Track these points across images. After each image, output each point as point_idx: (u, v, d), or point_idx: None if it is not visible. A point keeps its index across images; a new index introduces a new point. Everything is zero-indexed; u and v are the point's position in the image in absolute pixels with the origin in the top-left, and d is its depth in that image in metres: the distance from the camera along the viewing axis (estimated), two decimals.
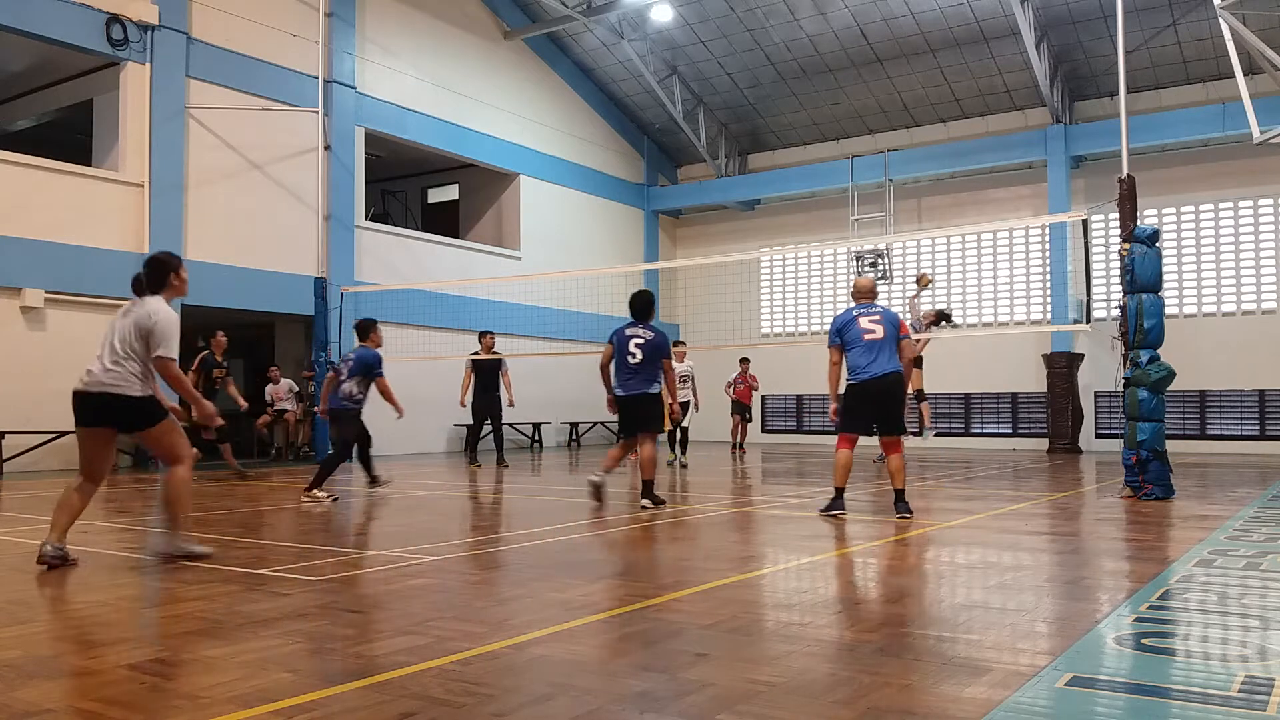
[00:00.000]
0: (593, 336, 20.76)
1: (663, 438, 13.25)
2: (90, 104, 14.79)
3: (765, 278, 23.63)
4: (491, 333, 14.59)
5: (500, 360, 14.25)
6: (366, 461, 9.64)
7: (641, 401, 8.16)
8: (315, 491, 8.83)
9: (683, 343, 14.81)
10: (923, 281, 13.54)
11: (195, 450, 11.22)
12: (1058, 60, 18.77)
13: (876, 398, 7.34)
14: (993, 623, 3.83)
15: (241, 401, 12.18)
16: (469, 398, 14.11)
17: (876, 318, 7.50)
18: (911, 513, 7.34)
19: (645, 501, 8.07)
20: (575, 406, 21.18)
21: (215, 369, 11.72)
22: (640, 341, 8.15)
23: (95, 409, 5.32)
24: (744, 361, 17.09)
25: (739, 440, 16.98)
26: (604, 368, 8.40)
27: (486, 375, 14.04)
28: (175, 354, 5.32)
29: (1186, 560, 5.30)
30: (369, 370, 9.08)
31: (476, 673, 3.12)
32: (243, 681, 3.02)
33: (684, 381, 14.03)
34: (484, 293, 18.87)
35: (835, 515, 7.40)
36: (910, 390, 12.23)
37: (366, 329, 9.37)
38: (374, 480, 9.57)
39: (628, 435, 8.43)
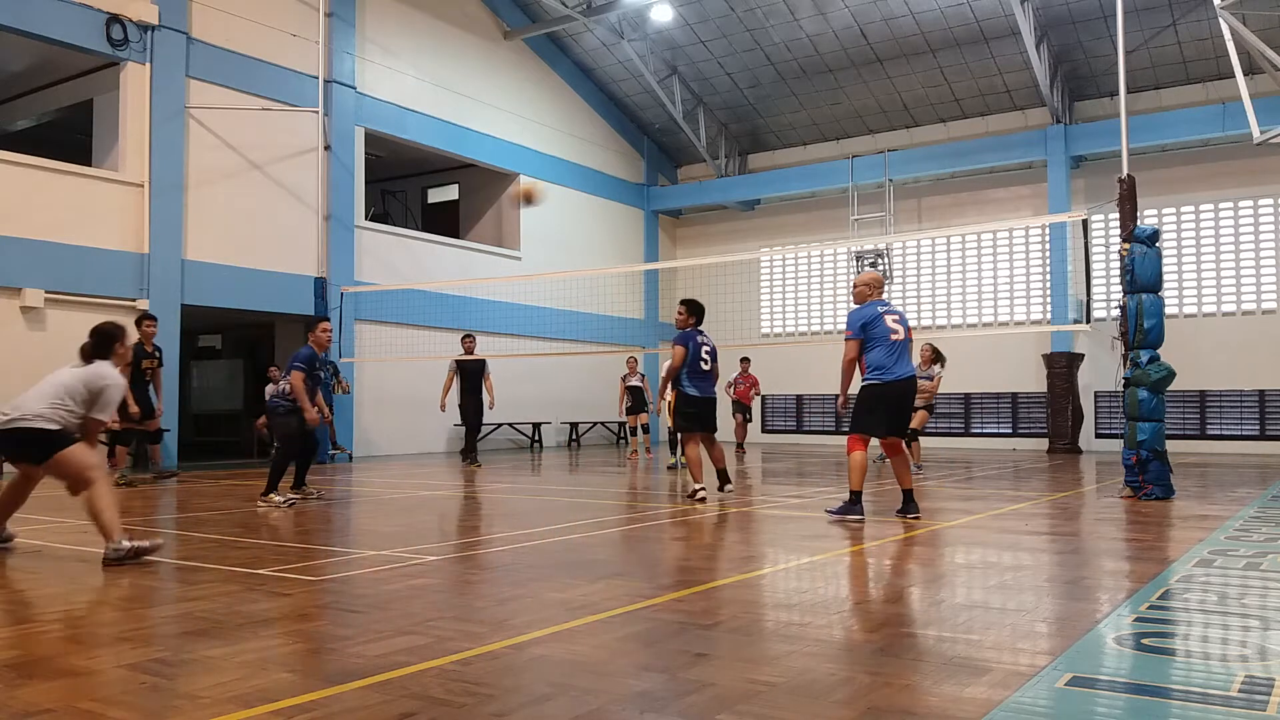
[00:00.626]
0: (593, 336, 20.80)
1: (662, 438, 13.24)
2: (90, 104, 14.78)
3: (765, 278, 23.63)
4: (474, 335, 14.63)
5: (483, 362, 14.30)
6: (302, 465, 9.15)
7: (714, 403, 8.93)
8: (271, 496, 8.38)
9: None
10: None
11: (122, 449, 10.83)
12: (1058, 60, 18.77)
13: (897, 400, 7.14)
14: (993, 623, 3.83)
15: (134, 409, 10.31)
16: (448, 400, 14.20)
17: (898, 317, 7.26)
18: (919, 514, 7.28)
19: (697, 488, 8.58)
20: (575, 406, 21.19)
21: (145, 359, 10.87)
22: (710, 349, 8.80)
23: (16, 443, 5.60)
24: (744, 361, 17.01)
25: (739, 440, 16.96)
26: (676, 370, 8.68)
27: (472, 377, 14.12)
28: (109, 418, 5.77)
29: (1186, 560, 5.30)
30: (291, 366, 8.82)
31: (476, 673, 3.12)
32: (243, 681, 3.02)
33: None
34: (484, 293, 18.88)
35: (853, 520, 7.16)
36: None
37: (309, 325, 9.29)
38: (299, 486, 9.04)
39: (707, 431, 8.90)
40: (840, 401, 7.51)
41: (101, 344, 5.77)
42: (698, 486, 8.57)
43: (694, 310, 8.84)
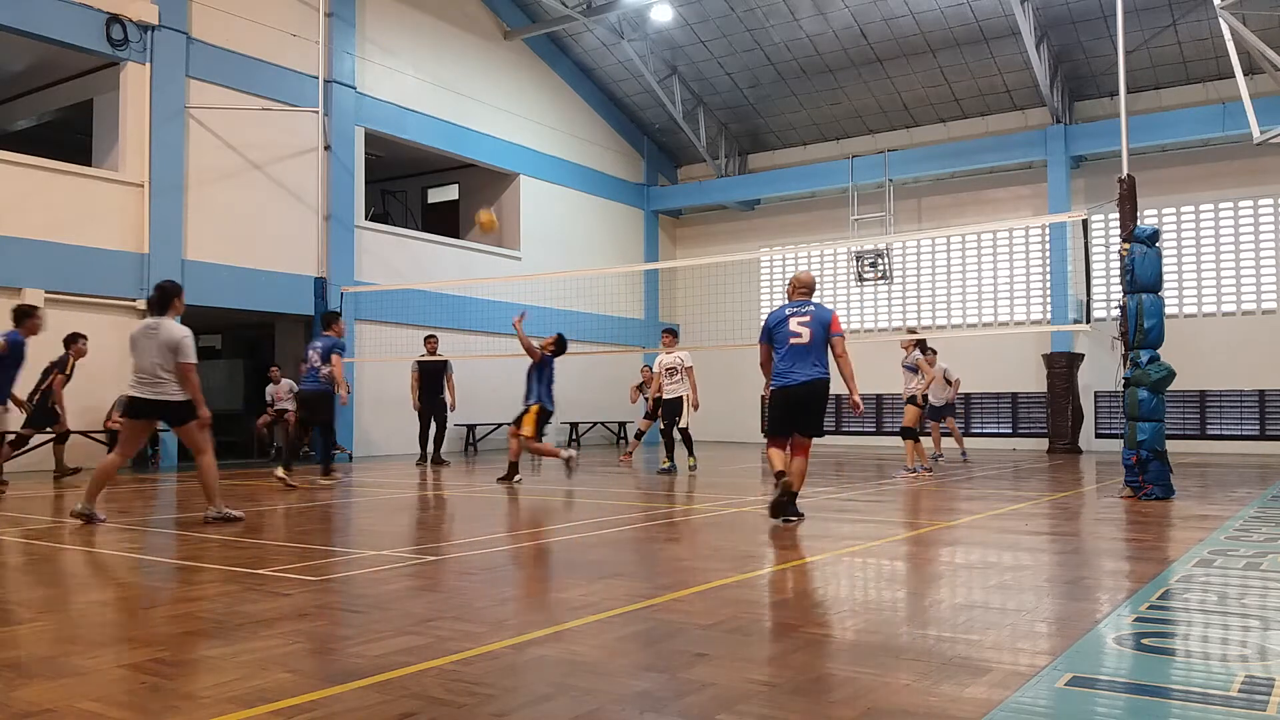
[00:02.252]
0: (593, 336, 20.78)
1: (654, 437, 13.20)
2: (90, 104, 14.78)
3: (765, 278, 23.62)
4: (436, 336, 14.70)
5: (445, 363, 14.42)
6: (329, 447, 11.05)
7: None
8: (324, 479, 9.91)
9: (672, 331, 14.11)
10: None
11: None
12: (1058, 60, 18.77)
13: (794, 404, 7.13)
14: (993, 623, 3.83)
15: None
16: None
17: (806, 319, 7.25)
18: (800, 517, 7.03)
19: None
20: (575, 406, 21.18)
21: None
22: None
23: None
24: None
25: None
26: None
27: (432, 378, 14.31)
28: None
29: (1186, 560, 5.30)
30: (334, 350, 10.56)
31: (476, 673, 3.12)
32: (243, 681, 3.02)
33: (672, 375, 13.33)
34: (484, 293, 18.87)
35: (784, 517, 7.05)
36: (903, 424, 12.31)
37: (327, 320, 10.94)
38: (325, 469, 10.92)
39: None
40: (764, 396, 7.64)
41: (162, 300, 7.10)
42: (567, 454, 10.59)
43: (560, 345, 10.94)
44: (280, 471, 10.04)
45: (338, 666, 3.21)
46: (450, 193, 22.05)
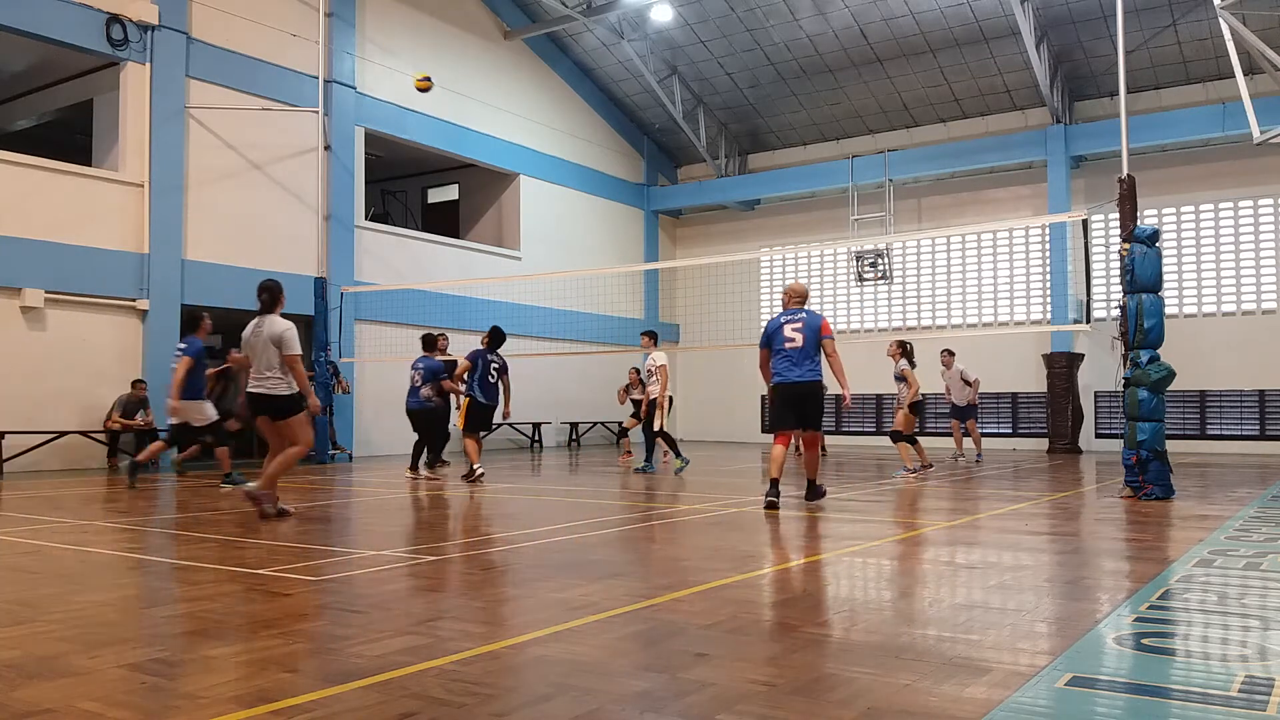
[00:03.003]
0: (593, 336, 20.80)
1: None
2: (90, 104, 14.79)
3: (765, 278, 23.63)
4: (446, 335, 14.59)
5: (453, 362, 14.40)
6: (431, 453, 11.63)
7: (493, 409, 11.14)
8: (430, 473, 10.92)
9: (651, 332, 13.78)
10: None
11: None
12: (1058, 60, 18.77)
13: (794, 402, 8.09)
14: (993, 623, 3.83)
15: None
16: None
17: (799, 325, 8.11)
18: (823, 494, 8.37)
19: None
20: (575, 406, 21.18)
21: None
22: (498, 365, 10.66)
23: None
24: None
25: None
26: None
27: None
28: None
29: (1186, 560, 5.30)
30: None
31: (476, 673, 3.12)
32: (243, 681, 3.02)
33: (649, 377, 13.03)
34: (484, 293, 18.88)
35: (772, 505, 7.86)
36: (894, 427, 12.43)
37: (430, 342, 11.73)
38: (430, 465, 11.58)
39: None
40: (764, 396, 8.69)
41: (271, 299, 7.60)
42: (478, 469, 10.71)
43: (493, 336, 11.14)
44: (409, 472, 11.32)
45: (338, 666, 3.21)
46: (450, 193, 22.06)
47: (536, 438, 20.10)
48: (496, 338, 11.23)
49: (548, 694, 2.89)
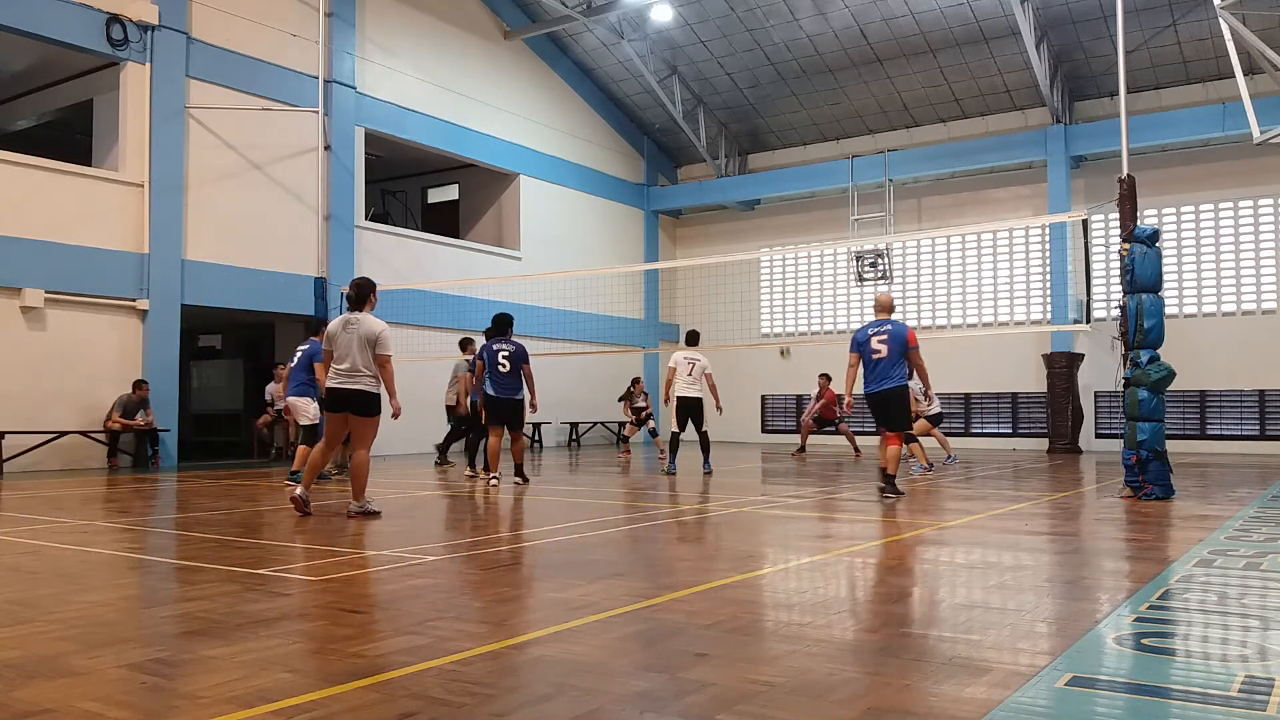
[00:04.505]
0: (593, 336, 20.80)
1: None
2: (90, 104, 14.79)
3: (765, 278, 23.63)
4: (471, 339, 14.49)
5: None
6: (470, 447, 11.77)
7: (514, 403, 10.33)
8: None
9: (696, 333, 13.42)
10: None
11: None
12: (1058, 60, 18.77)
13: (877, 407, 8.91)
14: (993, 623, 3.83)
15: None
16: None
17: (884, 336, 8.81)
18: (899, 493, 8.69)
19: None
20: (575, 406, 21.18)
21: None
22: (506, 354, 10.04)
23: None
24: (824, 378, 16.06)
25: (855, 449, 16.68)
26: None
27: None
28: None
29: (1186, 560, 5.30)
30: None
31: (476, 673, 3.12)
32: (243, 681, 3.02)
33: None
34: (484, 293, 18.87)
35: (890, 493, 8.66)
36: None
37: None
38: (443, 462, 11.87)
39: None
40: (846, 403, 9.29)
41: (359, 295, 7.64)
42: (494, 475, 10.34)
43: (494, 324, 10.66)
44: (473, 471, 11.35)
45: (338, 666, 3.21)
46: (450, 193, 22.06)
47: (536, 438, 20.09)
48: (496, 325, 10.51)
49: (548, 694, 2.89)
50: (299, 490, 7.47)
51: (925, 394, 12.28)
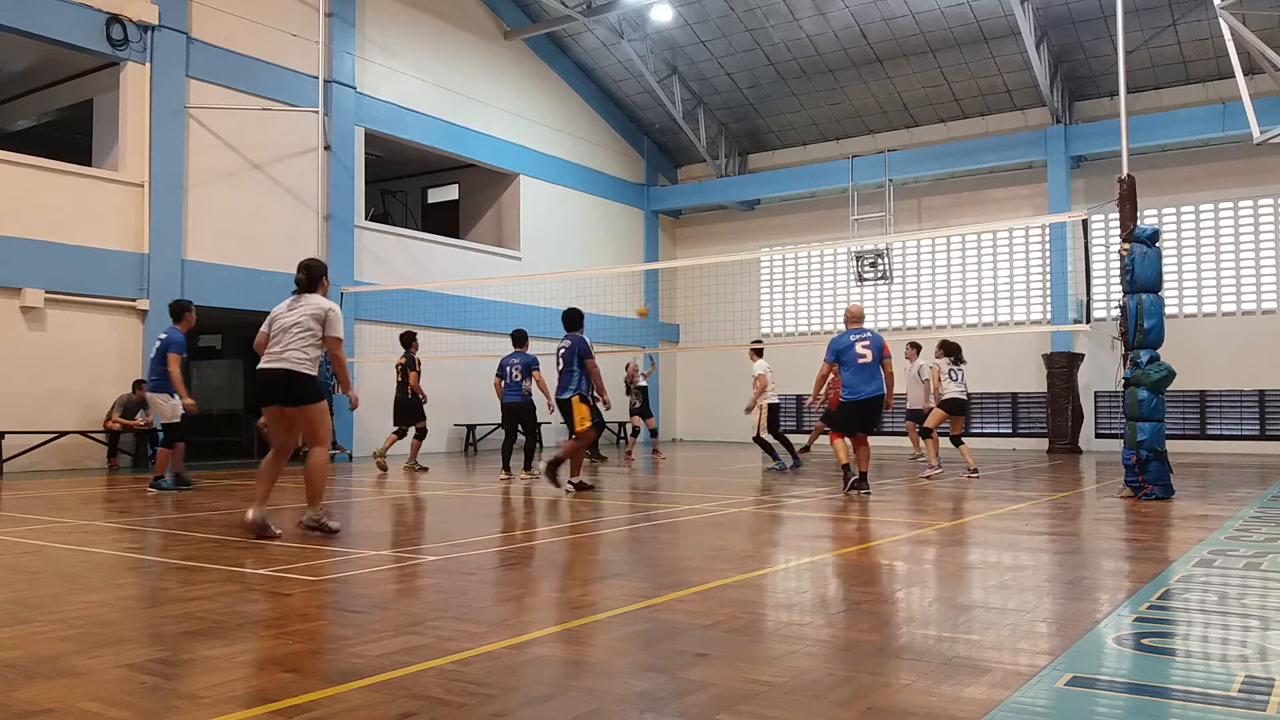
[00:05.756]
0: (593, 336, 20.70)
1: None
2: (90, 104, 14.79)
3: (765, 278, 23.63)
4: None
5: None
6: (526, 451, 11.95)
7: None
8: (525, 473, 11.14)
9: (757, 344, 13.88)
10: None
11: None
12: (1058, 60, 18.77)
13: (865, 412, 9.22)
14: (993, 623, 3.83)
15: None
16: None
17: (867, 343, 9.14)
18: (869, 490, 9.04)
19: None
20: None
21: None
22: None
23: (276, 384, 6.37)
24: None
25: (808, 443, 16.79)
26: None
27: None
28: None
29: (1186, 560, 5.30)
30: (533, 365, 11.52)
31: (476, 673, 3.12)
32: (243, 681, 3.02)
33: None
34: (484, 293, 18.87)
35: (858, 491, 8.99)
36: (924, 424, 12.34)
37: (521, 338, 11.79)
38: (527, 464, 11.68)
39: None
40: (810, 400, 10.42)
41: (312, 278, 6.92)
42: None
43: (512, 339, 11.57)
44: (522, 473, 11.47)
45: (338, 666, 3.21)
46: (450, 193, 22.06)
47: (536, 438, 20.06)
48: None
49: (548, 694, 2.89)
50: (251, 513, 6.16)
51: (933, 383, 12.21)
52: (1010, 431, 20.31)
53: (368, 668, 3.17)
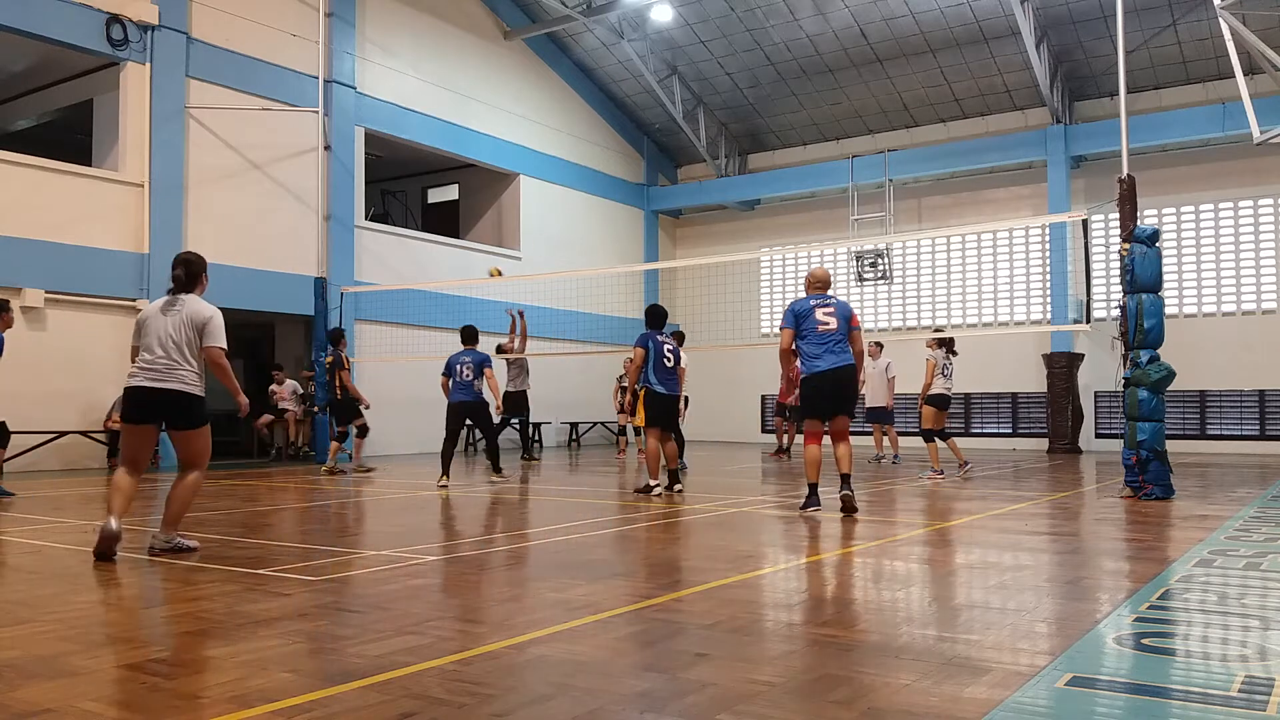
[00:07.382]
0: (593, 336, 20.78)
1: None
2: (90, 104, 14.79)
3: (765, 278, 23.63)
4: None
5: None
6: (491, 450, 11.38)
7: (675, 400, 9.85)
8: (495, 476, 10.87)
9: (877, 343, 14.09)
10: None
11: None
12: (1058, 60, 18.77)
13: (836, 387, 7.66)
14: (993, 623, 3.83)
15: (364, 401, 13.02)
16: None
17: (830, 310, 7.72)
18: (851, 493, 7.60)
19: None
20: (575, 406, 21.18)
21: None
22: (672, 349, 9.44)
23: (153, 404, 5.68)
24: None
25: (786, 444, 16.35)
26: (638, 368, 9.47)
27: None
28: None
29: (1186, 560, 5.30)
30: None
31: (476, 673, 3.12)
32: (243, 681, 3.02)
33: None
34: (484, 293, 18.87)
35: (814, 512, 7.61)
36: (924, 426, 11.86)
37: (471, 335, 11.28)
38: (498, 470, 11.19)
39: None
40: (780, 389, 9.25)
41: (191, 274, 6.16)
42: (653, 483, 9.33)
43: (655, 315, 10.04)
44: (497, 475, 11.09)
45: (338, 666, 3.21)
46: (450, 193, 22.06)
47: (536, 438, 20.07)
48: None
49: (548, 694, 2.89)
50: (113, 523, 5.38)
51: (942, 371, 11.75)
52: (1010, 431, 20.31)
53: (368, 668, 3.17)
